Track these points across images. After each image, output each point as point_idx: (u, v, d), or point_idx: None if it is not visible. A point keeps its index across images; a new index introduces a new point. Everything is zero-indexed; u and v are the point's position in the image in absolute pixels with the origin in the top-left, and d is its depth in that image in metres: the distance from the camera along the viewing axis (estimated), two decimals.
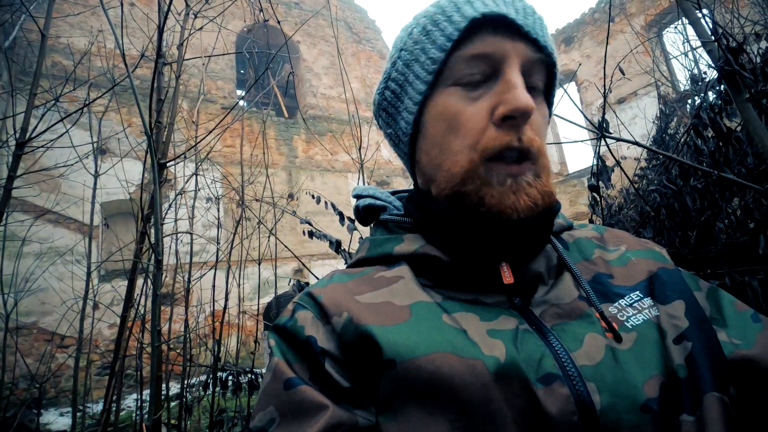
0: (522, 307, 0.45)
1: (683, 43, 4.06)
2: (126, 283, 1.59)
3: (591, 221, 1.86)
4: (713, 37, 1.13)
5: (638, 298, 0.45)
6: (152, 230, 1.49)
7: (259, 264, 2.85)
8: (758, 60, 1.70)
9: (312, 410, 0.39)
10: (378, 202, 0.57)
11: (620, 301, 0.45)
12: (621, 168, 1.69)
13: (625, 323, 0.42)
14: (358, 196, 0.60)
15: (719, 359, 0.41)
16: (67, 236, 5.86)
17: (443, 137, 0.47)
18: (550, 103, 0.51)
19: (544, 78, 0.48)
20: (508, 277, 0.44)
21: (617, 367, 0.39)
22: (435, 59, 0.46)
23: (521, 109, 0.41)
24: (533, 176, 0.44)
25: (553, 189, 0.45)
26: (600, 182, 1.62)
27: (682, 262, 1.55)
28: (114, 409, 2.42)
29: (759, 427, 0.41)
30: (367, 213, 0.58)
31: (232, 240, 2.72)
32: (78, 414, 3.04)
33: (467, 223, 0.45)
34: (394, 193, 0.61)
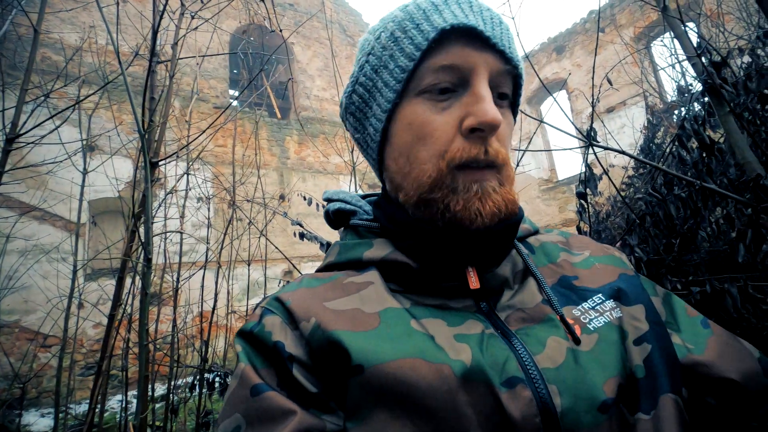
0: (488, 312, 0.46)
1: (670, 55, 4.16)
2: (112, 282, 1.58)
3: (579, 228, 1.89)
4: (699, 52, 1.17)
5: (600, 300, 0.47)
6: (142, 229, 1.48)
7: (249, 265, 2.84)
8: (741, 74, 1.75)
9: (280, 416, 0.38)
10: (348, 206, 0.57)
11: (583, 304, 0.46)
12: (608, 176, 1.73)
13: (588, 325, 0.44)
14: (328, 200, 0.60)
15: (674, 362, 0.44)
16: (53, 234, 5.77)
17: (411, 146, 0.46)
18: (515, 111, 0.52)
19: (511, 87, 0.49)
20: (474, 283, 0.46)
21: (578, 369, 0.40)
22: (404, 68, 0.45)
23: (489, 123, 0.42)
24: (498, 183, 0.45)
25: (516, 197, 0.46)
26: (587, 190, 1.66)
27: (666, 269, 1.59)
28: (99, 408, 2.38)
29: (705, 427, 0.44)
30: (337, 217, 0.58)
31: (222, 240, 2.71)
32: (60, 415, 2.99)
33: (433, 230, 0.46)
34: (364, 196, 0.61)
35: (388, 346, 0.40)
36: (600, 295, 0.48)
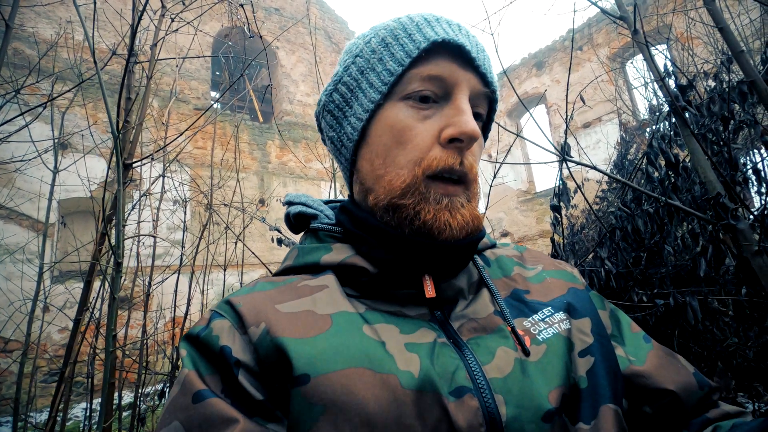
0: (442, 321, 0.46)
1: (641, 77, 4.33)
2: (81, 284, 1.53)
3: (553, 240, 1.94)
4: (663, 76, 1.22)
5: (550, 313, 0.49)
6: (113, 231, 1.44)
7: (225, 270, 2.79)
8: (706, 97, 1.84)
9: (221, 424, 0.37)
10: (309, 210, 0.57)
11: (534, 316, 0.48)
12: (581, 191, 1.78)
13: (537, 336, 0.46)
14: (289, 203, 0.59)
15: (616, 374, 0.46)
16: (19, 233, 5.54)
17: (389, 149, 0.47)
18: (485, 134, 0.56)
19: (486, 110, 0.52)
20: (430, 292, 0.46)
21: (525, 379, 0.41)
22: (392, 71, 0.47)
23: (468, 134, 0.44)
24: (465, 200, 0.47)
25: (480, 215, 0.48)
26: (561, 203, 1.70)
27: (634, 281, 1.64)
28: (61, 417, 2.29)
29: None
30: (297, 221, 0.58)
31: (198, 244, 2.66)
32: (20, 424, 2.85)
33: (399, 236, 0.46)
34: (327, 202, 0.62)
35: (337, 353, 0.40)
36: (550, 308, 0.49)
